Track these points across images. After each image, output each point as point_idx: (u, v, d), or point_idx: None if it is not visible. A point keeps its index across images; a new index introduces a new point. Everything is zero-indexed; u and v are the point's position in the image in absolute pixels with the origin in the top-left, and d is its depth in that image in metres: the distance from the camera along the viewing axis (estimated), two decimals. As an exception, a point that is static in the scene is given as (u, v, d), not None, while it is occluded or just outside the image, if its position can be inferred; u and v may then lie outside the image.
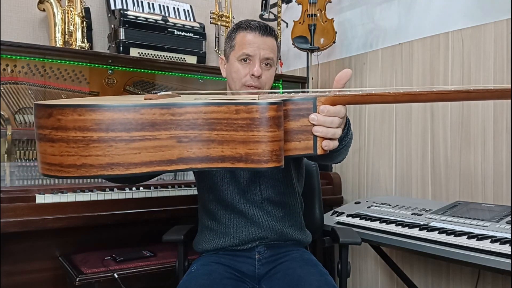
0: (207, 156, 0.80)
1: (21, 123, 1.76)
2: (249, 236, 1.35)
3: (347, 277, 1.46)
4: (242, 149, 0.79)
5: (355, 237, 1.50)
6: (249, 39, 1.34)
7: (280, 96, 0.91)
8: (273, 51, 1.37)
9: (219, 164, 0.80)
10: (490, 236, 1.40)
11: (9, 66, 1.76)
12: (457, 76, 2.00)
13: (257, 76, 1.32)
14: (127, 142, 0.75)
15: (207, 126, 0.79)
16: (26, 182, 1.72)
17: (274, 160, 0.79)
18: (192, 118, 0.78)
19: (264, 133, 0.78)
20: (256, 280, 1.34)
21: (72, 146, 0.75)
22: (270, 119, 0.78)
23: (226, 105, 0.78)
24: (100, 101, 0.84)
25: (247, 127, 0.78)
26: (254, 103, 0.77)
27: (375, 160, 2.36)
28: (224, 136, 0.79)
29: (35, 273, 1.78)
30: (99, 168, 0.76)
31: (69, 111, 0.75)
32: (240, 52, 1.34)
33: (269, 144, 0.79)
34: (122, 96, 1.07)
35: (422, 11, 2.16)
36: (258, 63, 1.33)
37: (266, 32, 1.35)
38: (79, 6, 2.06)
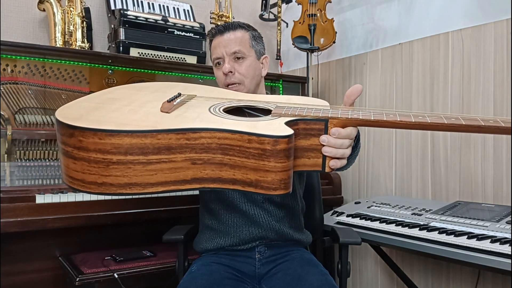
0: (219, 177, 0.84)
1: (21, 123, 1.76)
2: (249, 236, 1.35)
3: (347, 277, 1.46)
4: (253, 176, 0.82)
5: (355, 237, 1.50)
6: (214, 43, 1.41)
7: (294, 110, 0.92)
8: (238, 43, 1.38)
9: (230, 186, 0.85)
10: (490, 236, 1.40)
11: (9, 66, 1.76)
12: (457, 76, 2.00)
13: (226, 72, 1.36)
14: (144, 164, 0.80)
15: (220, 151, 0.82)
16: (26, 182, 1.72)
17: (282, 188, 0.83)
18: (207, 143, 0.82)
19: (274, 163, 0.81)
20: (256, 280, 1.34)
21: (93, 165, 0.80)
22: (281, 151, 0.81)
23: (240, 134, 0.81)
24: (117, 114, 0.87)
25: (258, 156, 0.81)
26: (266, 135, 0.80)
27: (375, 160, 2.36)
28: (236, 161, 0.82)
29: (35, 273, 1.78)
30: (118, 187, 0.81)
31: (90, 134, 0.80)
32: (212, 58, 1.43)
33: (279, 173, 0.82)
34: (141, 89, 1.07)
35: (422, 11, 2.16)
36: (227, 61, 1.37)
37: (226, 29, 1.39)
38: (79, 6, 2.06)
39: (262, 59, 1.46)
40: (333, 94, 2.63)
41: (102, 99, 0.99)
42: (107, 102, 0.97)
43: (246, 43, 1.40)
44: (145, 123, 0.84)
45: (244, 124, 0.85)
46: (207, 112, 0.91)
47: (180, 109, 0.93)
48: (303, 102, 1.01)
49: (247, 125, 0.84)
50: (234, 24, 1.41)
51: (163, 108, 0.92)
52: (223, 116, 0.90)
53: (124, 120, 0.85)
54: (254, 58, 1.42)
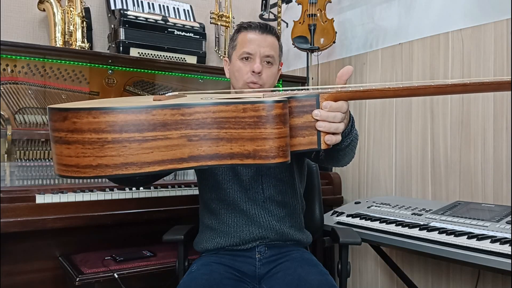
0: (217, 153, 0.83)
1: (21, 123, 1.76)
2: (249, 236, 1.35)
3: (347, 277, 1.46)
4: (250, 146, 0.82)
5: (355, 237, 1.50)
6: (249, 37, 1.37)
7: (284, 94, 0.93)
8: (273, 49, 1.39)
9: (229, 161, 0.83)
10: (490, 236, 1.40)
11: (9, 66, 1.76)
12: (457, 76, 2.00)
13: (257, 72, 1.34)
14: (140, 142, 0.79)
15: (216, 125, 0.82)
16: (26, 182, 1.72)
17: (281, 156, 0.82)
18: (202, 118, 0.81)
19: (271, 130, 0.81)
20: (256, 280, 1.34)
21: (88, 147, 0.78)
22: (276, 117, 0.81)
23: (234, 104, 0.81)
24: (112, 103, 0.86)
25: (254, 124, 0.81)
26: (260, 101, 0.81)
27: (375, 160, 2.36)
28: (232, 134, 0.82)
29: (35, 273, 1.78)
30: (114, 168, 0.79)
31: (84, 114, 0.78)
32: (241, 50, 1.38)
33: (276, 140, 0.82)
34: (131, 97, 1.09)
35: (422, 11, 2.16)
36: (258, 60, 1.36)
37: (266, 30, 1.38)
38: (79, 6, 2.06)
39: (279, 69, 1.47)
40: (333, 94, 2.62)
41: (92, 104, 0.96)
42: (97, 102, 0.96)
43: (277, 51, 1.42)
44: (140, 104, 0.82)
45: (238, 98, 0.85)
46: (199, 99, 0.90)
47: (172, 99, 0.93)
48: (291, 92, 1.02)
49: (241, 100, 0.84)
50: (272, 28, 1.41)
51: (155, 98, 0.93)
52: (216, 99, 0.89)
53: (117, 103, 0.85)
54: (277, 67, 1.43)
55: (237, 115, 0.81)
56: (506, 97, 1.82)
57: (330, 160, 1.25)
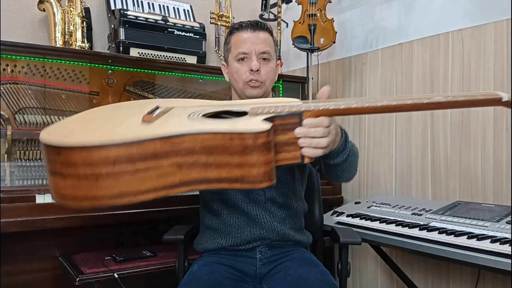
0: (206, 178, 0.87)
1: (21, 123, 1.76)
2: (250, 236, 1.35)
3: (347, 277, 1.46)
4: (238, 172, 0.86)
5: (355, 237, 1.50)
6: (242, 37, 1.37)
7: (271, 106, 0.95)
8: (268, 44, 1.38)
9: (218, 185, 0.88)
10: (490, 236, 1.40)
11: (9, 66, 1.76)
12: (457, 76, 2.00)
13: (255, 70, 1.35)
14: (133, 173, 0.82)
15: (204, 152, 0.85)
16: (26, 182, 1.72)
17: (267, 180, 0.88)
18: (190, 146, 0.84)
19: (257, 157, 0.86)
20: (257, 280, 1.34)
21: (83, 180, 0.81)
22: (262, 145, 0.85)
23: (221, 133, 0.85)
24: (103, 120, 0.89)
25: (241, 152, 0.85)
26: (246, 132, 0.84)
27: (375, 160, 2.36)
28: (220, 160, 0.85)
29: (35, 273, 1.78)
30: (110, 199, 0.82)
31: (77, 150, 0.80)
32: (236, 51, 1.38)
33: (262, 167, 0.86)
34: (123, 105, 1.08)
35: (422, 11, 2.16)
36: (255, 58, 1.36)
37: (258, 27, 1.38)
38: (79, 6, 2.06)
39: (277, 64, 1.46)
40: (333, 94, 2.63)
41: (83, 120, 1.01)
42: (88, 122, 0.99)
43: (272, 46, 1.41)
44: (130, 134, 0.86)
45: (224, 124, 0.89)
46: (187, 119, 0.94)
47: (161, 118, 0.96)
48: (276, 101, 1.04)
49: (227, 124, 0.88)
50: (263, 24, 1.41)
51: (144, 120, 0.94)
52: (204, 121, 0.94)
53: (108, 134, 0.87)
54: (275, 62, 1.43)
55: (225, 143, 0.85)
56: (506, 97, 1.82)
57: (330, 176, 1.29)
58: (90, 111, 1.12)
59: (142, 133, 0.85)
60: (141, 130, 0.88)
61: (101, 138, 0.82)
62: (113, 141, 0.80)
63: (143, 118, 0.95)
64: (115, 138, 0.82)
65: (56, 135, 0.87)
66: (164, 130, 0.85)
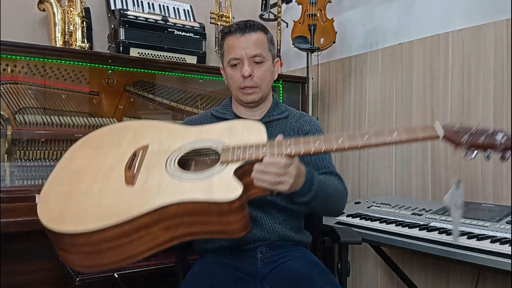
0: (192, 232, 1.04)
1: (21, 123, 1.76)
2: (251, 238, 1.35)
3: (346, 277, 1.46)
4: (219, 227, 1.02)
5: (355, 237, 1.50)
6: (232, 43, 1.35)
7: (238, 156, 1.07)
8: (259, 46, 1.35)
9: (203, 235, 1.05)
10: (490, 236, 1.40)
11: (9, 66, 1.76)
12: (457, 76, 2.00)
13: (246, 76, 1.33)
14: (129, 242, 0.98)
15: (187, 215, 1.00)
16: (26, 182, 1.72)
17: (243, 230, 1.05)
18: (175, 212, 1.00)
19: (234, 217, 1.01)
20: (258, 280, 1.34)
21: (87, 255, 0.99)
22: (237, 208, 0.99)
23: (200, 203, 0.99)
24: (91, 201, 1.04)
25: (219, 215, 1.00)
26: (221, 201, 0.98)
27: (375, 160, 2.36)
28: (202, 220, 1.01)
29: (35, 273, 1.78)
30: (113, 264, 1.01)
31: (77, 236, 0.96)
32: (228, 58, 1.36)
33: (238, 223, 1.02)
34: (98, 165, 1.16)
35: (422, 11, 2.16)
36: (246, 63, 1.33)
37: (246, 29, 1.34)
38: (79, 6, 2.06)
39: (275, 63, 1.44)
40: (333, 94, 2.63)
41: (69, 175, 1.13)
42: (75, 179, 1.11)
43: (265, 46, 1.37)
44: (120, 208, 0.99)
45: (201, 187, 1.01)
46: (166, 176, 1.06)
47: (141, 175, 1.08)
48: (243, 134, 1.15)
49: (204, 187, 1.01)
50: (254, 25, 1.36)
51: (127, 181, 1.07)
52: (181, 176, 1.06)
53: (100, 210, 1.00)
54: (271, 62, 1.40)
55: (204, 209, 0.99)
56: (506, 97, 1.82)
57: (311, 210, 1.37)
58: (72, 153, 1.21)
59: (131, 207, 0.99)
60: (129, 201, 1.01)
61: (95, 224, 0.96)
62: (107, 224, 0.95)
63: (125, 178, 1.07)
64: (108, 217, 0.97)
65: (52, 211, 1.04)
66: (149, 199, 1.00)
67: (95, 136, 1.26)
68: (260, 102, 1.41)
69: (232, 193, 0.98)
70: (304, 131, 1.41)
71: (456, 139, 1.02)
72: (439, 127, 1.02)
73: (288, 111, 1.47)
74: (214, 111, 1.47)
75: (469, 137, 1.01)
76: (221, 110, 1.46)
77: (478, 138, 1.01)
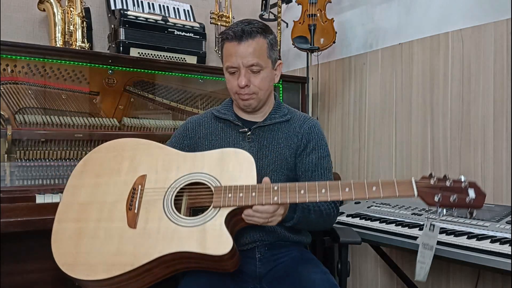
0: (189, 267, 1.20)
1: (21, 123, 1.76)
2: (249, 239, 1.35)
3: (346, 277, 1.46)
4: (212, 266, 1.18)
5: (355, 237, 1.50)
6: (229, 50, 1.32)
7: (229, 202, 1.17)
8: (256, 55, 1.30)
9: (198, 268, 1.21)
10: (490, 236, 1.40)
11: (9, 66, 1.76)
12: (457, 76, 2.00)
13: (242, 87, 1.32)
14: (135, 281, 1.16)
15: (185, 258, 1.16)
16: (26, 182, 1.72)
17: (235, 267, 1.19)
18: (173, 257, 1.15)
19: (226, 263, 1.15)
20: (257, 280, 1.34)
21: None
22: (229, 257, 1.13)
23: (195, 253, 1.13)
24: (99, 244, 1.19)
25: (213, 261, 1.15)
26: (214, 254, 1.11)
27: (375, 160, 2.36)
28: (198, 262, 1.17)
29: (35, 273, 1.78)
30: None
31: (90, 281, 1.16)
32: (226, 65, 1.35)
33: (230, 264, 1.17)
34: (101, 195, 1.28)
35: (422, 11, 2.16)
36: (243, 72, 1.31)
37: (243, 37, 1.30)
38: (79, 6, 2.06)
39: (276, 66, 1.41)
40: (333, 94, 2.63)
41: (76, 208, 1.25)
42: (82, 214, 1.24)
43: (264, 53, 1.33)
44: (125, 258, 1.14)
45: (196, 237, 1.14)
46: (164, 218, 1.19)
47: (141, 216, 1.20)
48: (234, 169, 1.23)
49: (198, 237, 1.14)
50: (252, 30, 1.30)
51: (129, 223, 1.20)
52: (177, 223, 1.18)
53: (107, 258, 1.16)
54: (270, 68, 1.37)
55: (199, 257, 1.14)
56: (506, 97, 1.82)
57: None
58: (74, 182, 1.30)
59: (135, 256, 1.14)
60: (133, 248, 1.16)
61: (105, 274, 1.13)
62: (115, 274, 1.13)
63: (128, 220, 1.20)
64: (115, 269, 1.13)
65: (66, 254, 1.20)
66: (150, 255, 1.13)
67: (95, 160, 1.33)
68: (258, 107, 1.40)
69: (223, 249, 1.11)
70: (306, 141, 1.41)
71: (429, 200, 1.09)
72: (414, 187, 1.09)
73: (290, 113, 1.45)
74: (215, 111, 1.46)
75: (441, 197, 1.08)
76: (222, 110, 1.46)
77: (449, 197, 1.08)
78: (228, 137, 1.40)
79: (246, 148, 1.35)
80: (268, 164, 1.37)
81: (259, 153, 1.37)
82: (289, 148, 1.39)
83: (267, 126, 1.41)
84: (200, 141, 1.43)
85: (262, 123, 1.40)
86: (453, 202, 1.07)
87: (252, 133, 1.39)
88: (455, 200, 1.07)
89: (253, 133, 1.39)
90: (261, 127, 1.40)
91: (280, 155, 1.38)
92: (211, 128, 1.44)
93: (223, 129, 1.42)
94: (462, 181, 1.09)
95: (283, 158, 1.38)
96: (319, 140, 1.42)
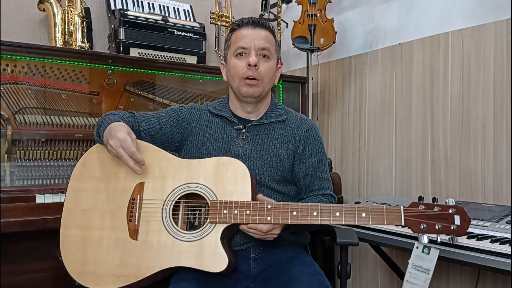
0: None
1: (21, 123, 1.76)
2: (244, 239, 1.35)
3: (347, 279, 1.45)
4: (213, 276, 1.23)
5: (353, 238, 1.49)
6: (243, 33, 1.37)
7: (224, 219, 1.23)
8: (268, 41, 1.37)
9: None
10: (490, 236, 1.40)
11: (9, 66, 1.76)
12: (457, 76, 2.00)
13: (253, 64, 1.33)
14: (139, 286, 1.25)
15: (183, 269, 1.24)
16: (26, 182, 1.72)
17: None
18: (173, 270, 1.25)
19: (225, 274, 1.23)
20: (251, 279, 1.34)
21: None
22: (226, 271, 1.21)
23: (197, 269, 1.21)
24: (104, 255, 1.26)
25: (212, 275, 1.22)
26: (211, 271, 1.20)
27: (375, 160, 2.36)
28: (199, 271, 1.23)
29: (35, 273, 1.78)
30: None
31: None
32: (235, 46, 1.37)
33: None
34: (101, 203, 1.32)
35: (422, 11, 2.16)
36: (254, 53, 1.35)
37: (259, 24, 1.38)
38: (79, 6, 2.06)
39: (278, 67, 1.45)
40: (333, 94, 2.63)
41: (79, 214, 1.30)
42: (85, 221, 1.29)
43: (273, 45, 1.40)
44: (129, 269, 1.23)
45: (193, 252, 1.22)
46: (163, 230, 1.25)
47: (141, 228, 1.26)
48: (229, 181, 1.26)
49: (195, 253, 1.21)
50: (265, 22, 1.40)
51: (131, 234, 1.26)
52: (176, 236, 1.24)
53: (113, 270, 1.24)
54: (275, 63, 1.42)
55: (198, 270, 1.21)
56: (506, 97, 1.82)
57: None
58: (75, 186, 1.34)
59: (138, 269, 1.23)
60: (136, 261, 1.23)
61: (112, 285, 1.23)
62: (122, 284, 1.22)
63: (129, 232, 1.26)
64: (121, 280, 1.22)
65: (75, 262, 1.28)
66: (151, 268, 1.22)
67: (92, 161, 1.35)
68: (258, 99, 1.40)
69: (219, 267, 1.20)
70: (304, 143, 1.42)
71: (415, 229, 1.17)
72: (402, 217, 1.19)
73: (286, 113, 1.46)
74: (211, 107, 1.46)
75: (426, 226, 1.16)
76: (218, 107, 1.46)
77: (435, 225, 1.16)
78: (223, 133, 1.40)
79: (240, 145, 1.36)
80: (263, 164, 1.36)
81: (253, 151, 1.37)
82: (287, 149, 1.39)
83: (262, 125, 1.41)
84: (195, 131, 1.42)
85: (257, 121, 1.40)
86: (438, 230, 1.15)
87: (247, 130, 1.39)
88: (439, 228, 1.15)
89: (248, 131, 1.39)
90: (256, 125, 1.40)
91: (276, 155, 1.38)
92: (207, 121, 1.44)
93: (219, 124, 1.42)
94: (450, 206, 1.16)
95: (279, 159, 1.38)
96: (317, 143, 1.44)
